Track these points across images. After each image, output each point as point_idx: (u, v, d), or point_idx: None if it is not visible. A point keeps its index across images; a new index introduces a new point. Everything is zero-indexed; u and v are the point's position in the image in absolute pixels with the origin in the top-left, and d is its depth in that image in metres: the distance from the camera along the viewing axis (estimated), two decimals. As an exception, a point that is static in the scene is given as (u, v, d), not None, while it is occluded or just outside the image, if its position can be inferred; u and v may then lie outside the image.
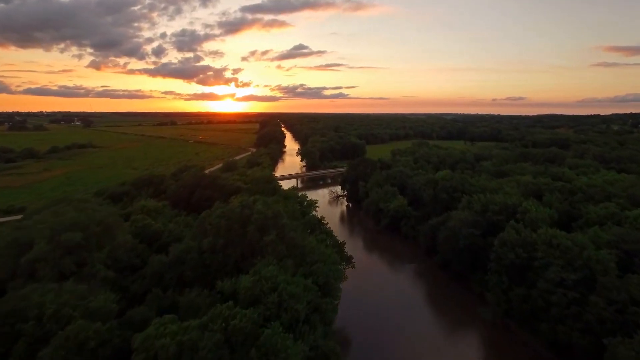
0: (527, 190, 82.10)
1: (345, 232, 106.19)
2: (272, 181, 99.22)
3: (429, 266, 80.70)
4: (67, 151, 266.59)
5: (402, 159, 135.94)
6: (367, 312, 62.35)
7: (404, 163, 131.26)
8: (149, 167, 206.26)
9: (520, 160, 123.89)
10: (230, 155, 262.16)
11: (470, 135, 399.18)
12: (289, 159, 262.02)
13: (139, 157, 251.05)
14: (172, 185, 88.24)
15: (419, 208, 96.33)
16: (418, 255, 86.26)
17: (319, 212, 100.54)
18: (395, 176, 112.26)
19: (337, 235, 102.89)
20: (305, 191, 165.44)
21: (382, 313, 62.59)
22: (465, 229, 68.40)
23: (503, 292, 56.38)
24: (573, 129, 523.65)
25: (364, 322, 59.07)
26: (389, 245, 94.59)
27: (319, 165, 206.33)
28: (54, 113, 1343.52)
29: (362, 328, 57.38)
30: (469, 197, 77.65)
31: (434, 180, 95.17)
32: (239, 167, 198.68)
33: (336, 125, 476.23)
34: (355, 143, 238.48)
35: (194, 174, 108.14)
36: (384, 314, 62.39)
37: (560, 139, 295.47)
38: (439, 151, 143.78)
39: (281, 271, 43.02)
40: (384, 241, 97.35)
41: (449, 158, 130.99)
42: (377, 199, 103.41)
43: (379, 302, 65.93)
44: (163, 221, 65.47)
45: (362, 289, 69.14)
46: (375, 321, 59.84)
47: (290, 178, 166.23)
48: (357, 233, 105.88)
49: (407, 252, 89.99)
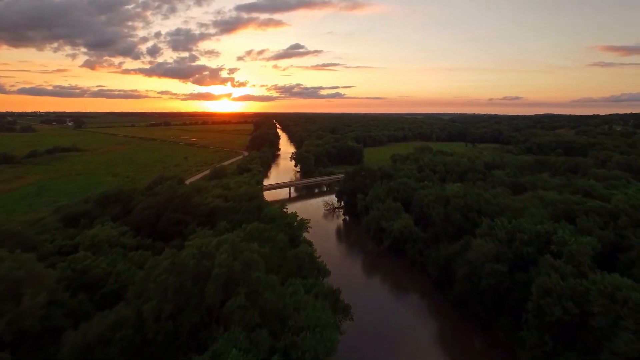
0: (557, 211, 69.47)
1: (341, 254, 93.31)
2: (258, 197, 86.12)
3: (441, 303, 67.80)
4: (48, 155, 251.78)
5: (405, 167, 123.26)
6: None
7: (407, 172, 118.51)
8: (131, 174, 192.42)
9: (537, 170, 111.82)
10: (221, 159, 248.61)
11: (471, 137, 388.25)
12: (284, 162, 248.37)
13: (123, 162, 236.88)
14: (138, 206, 74.82)
15: (427, 228, 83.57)
16: (427, 288, 73.41)
17: (313, 228, 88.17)
18: (399, 189, 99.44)
19: (331, 256, 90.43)
20: (298, 201, 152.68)
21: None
22: (488, 264, 55.64)
23: (546, 357, 43.59)
24: (575, 130, 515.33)
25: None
26: (392, 273, 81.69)
27: (314, 171, 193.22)
28: (47, 113, 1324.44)
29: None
30: (489, 221, 64.88)
31: (445, 196, 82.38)
32: (228, 173, 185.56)
33: (332, 127, 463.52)
34: (352, 147, 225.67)
35: (167, 189, 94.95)
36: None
37: (566, 141, 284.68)
38: (445, 158, 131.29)
39: (250, 356, 29.96)
40: (385, 266, 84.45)
41: (457, 167, 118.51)
42: (378, 217, 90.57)
43: (379, 349, 53.06)
44: (113, 258, 52.17)
45: (359, 328, 56.07)
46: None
47: (282, 187, 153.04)
48: (355, 255, 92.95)
49: (414, 282, 77.16)
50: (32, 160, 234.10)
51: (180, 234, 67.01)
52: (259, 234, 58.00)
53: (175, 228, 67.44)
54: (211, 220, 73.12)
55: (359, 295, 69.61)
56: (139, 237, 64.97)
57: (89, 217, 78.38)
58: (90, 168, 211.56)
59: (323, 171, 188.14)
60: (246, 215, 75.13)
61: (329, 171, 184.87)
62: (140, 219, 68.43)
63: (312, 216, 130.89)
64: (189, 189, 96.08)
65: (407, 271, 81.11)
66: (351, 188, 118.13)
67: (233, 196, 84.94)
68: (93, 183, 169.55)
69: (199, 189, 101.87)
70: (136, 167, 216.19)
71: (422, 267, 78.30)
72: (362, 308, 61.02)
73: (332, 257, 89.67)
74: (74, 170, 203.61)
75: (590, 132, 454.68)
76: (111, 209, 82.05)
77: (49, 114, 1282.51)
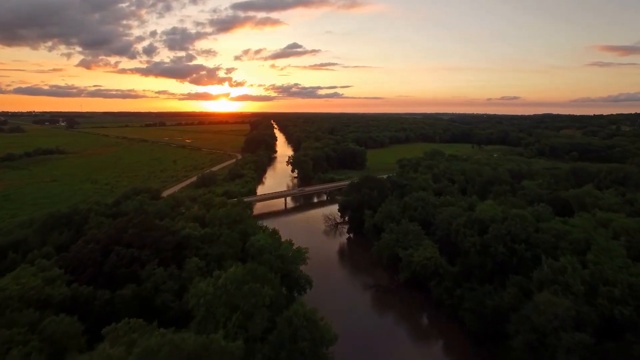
0: (635, 243, 52.56)
1: (346, 287, 76.24)
2: (243, 220, 68.90)
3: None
4: (26, 158, 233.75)
5: (419, 176, 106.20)
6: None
7: (422, 183, 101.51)
8: (112, 181, 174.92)
9: (575, 181, 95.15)
10: (212, 163, 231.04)
11: (476, 138, 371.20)
12: (280, 166, 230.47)
13: (108, 166, 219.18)
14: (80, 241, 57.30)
15: (455, 258, 66.75)
16: (460, 342, 56.44)
17: (311, 248, 71.43)
18: (416, 205, 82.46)
19: (334, 290, 73.50)
20: (294, 214, 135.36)
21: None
22: (566, 334, 38.70)
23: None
24: (581, 131, 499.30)
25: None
26: (413, 317, 64.68)
27: (313, 177, 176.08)
28: (42, 113, 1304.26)
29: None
30: (551, 262, 47.93)
31: (478, 219, 65.50)
32: (218, 180, 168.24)
33: (331, 127, 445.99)
34: (354, 150, 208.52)
35: (135, 205, 77.79)
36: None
37: (580, 143, 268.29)
38: (464, 165, 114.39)
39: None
40: (403, 307, 67.44)
41: (479, 176, 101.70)
42: (392, 242, 73.57)
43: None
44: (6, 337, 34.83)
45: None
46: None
47: (277, 197, 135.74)
48: (363, 288, 75.84)
49: (442, 332, 60.19)
50: (8, 164, 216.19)
51: (134, 276, 49.86)
52: (238, 285, 40.89)
53: (128, 269, 50.25)
54: (179, 255, 55.98)
55: (367, 349, 53.11)
56: (76, 284, 47.74)
57: (23, 248, 61.20)
58: (69, 173, 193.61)
59: (323, 177, 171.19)
60: (226, 247, 58.04)
61: (329, 177, 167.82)
62: (81, 256, 51.11)
63: (310, 233, 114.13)
64: (160, 206, 78.93)
65: (433, 316, 64.09)
66: (356, 202, 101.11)
67: (212, 219, 67.67)
68: (67, 191, 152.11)
69: (174, 205, 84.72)
70: (120, 172, 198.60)
71: (451, 310, 61.31)
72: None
73: (335, 290, 72.82)
74: (50, 175, 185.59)
75: (599, 133, 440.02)
76: (57, 237, 64.75)
77: (44, 113, 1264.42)
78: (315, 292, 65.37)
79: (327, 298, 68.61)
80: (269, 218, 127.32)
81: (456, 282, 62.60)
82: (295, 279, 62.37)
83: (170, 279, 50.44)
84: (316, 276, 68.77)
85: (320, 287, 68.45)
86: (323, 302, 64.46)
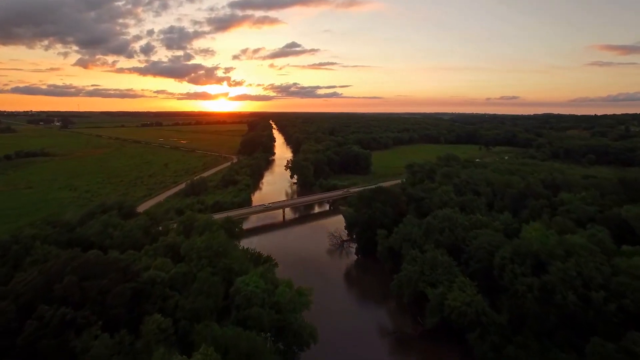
0: None
1: (357, 330, 61.28)
2: (227, 252, 53.87)
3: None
4: (5, 162, 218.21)
5: (440, 187, 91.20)
6: None
7: (443, 196, 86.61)
8: (93, 187, 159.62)
9: (625, 194, 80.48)
10: (205, 167, 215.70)
11: (482, 140, 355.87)
12: (279, 170, 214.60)
13: (92, 170, 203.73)
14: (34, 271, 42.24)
15: (495, 297, 52.18)
16: None
17: (313, 274, 56.87)
18: (442, 227, 67.62)
19: (342, 336, 58.78)
20: (294, 226, 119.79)
21: None
22: None
23: None
24: (589, 132, 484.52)
25: None
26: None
27: (314, 183, 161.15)
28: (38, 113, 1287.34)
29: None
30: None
31: (531, 253, 50.74)
32: (209, 187, 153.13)
33: (331, 128, 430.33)
34: (358, 153, 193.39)
35: (98, 227, 63.03)
36: None
37: (597, 145, 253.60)
38: (488, 174, 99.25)
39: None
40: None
41: (509, 188, 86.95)
42: (415, 276, 58.79)
43: None
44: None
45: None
46: None
47: (273, 209, 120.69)
48: (379, 334, 60.90)
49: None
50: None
51: (62, 351, 34.82)
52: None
53: (57, 339, 35.23)
54: (137, 311, 40.95)
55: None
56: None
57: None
58: (49, 179, 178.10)
59: (325, 184, 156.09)
60: (203, 297, 43.05)
61: (332, 184, 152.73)
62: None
63: (312, 253, 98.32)
64: (129, 229, 63.85)
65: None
66: (366, 218, 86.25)
67: (188, 251, 52.64)
68: (40, 200, 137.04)
69: (148, 225, 69.68)
70: (105, 177, 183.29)
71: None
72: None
73: (344, 336, 58.01)
74: (25, 181, 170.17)
75: (609, 134, 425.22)
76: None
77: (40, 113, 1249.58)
78: (319, 337, 50.56)
79: (334, 349, 53.98)
80: (265, 232, 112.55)
81: (504, 336, 47.85)
82: (295, 331, 47.55)
83: (118, 351, 35.48)
84: (319, 313, 54.52)
85: (325, 331, 53.65)
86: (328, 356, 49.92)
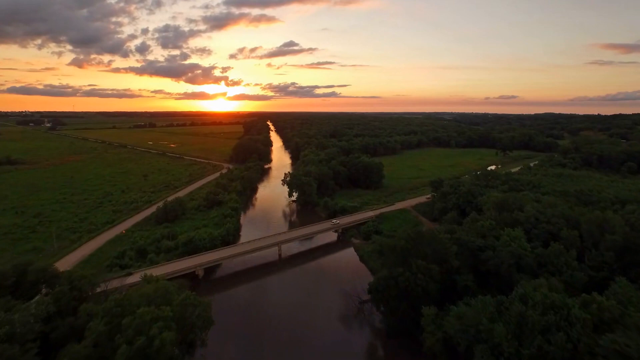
0: None
1: None
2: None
3: None
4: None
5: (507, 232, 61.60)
6: None
7: (514, 248, 57.79)
8: (45, 210, 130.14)
9: None
10: (191, 178, 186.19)
11: (498, 143, 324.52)
12: (275, 182, 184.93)
13: (57, 184, 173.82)
14: None
15: None
16: None
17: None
18: (547, 324, 38.77)
19: None
20: (292, 268, 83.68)
21: None
22: None
23: None
24: (604, 132, 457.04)
25: None
26: None
27: (318, 203, 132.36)
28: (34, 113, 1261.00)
29: None
30: None
31: None
32: (187, 210, 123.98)
33: (332, 130, 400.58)
34: (368, 164, 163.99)
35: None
36: None
37: (636, 151, 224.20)
38: (564, 208, 69.87)
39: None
40: None
41: (608, 234, 58.01)
42: None
43: None
44: None
45: None
46: None
47: (265, 247, 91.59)
48: None
49: None
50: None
51: None
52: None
53: None
54: None
55: None
56: None
57: None
58: (1, 195, 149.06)
59: (331, 204, 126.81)
60: None
61: (340, 207, 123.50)
62: None
63: (317, 321, 64.78)
64: None
65: None
66: (396, 278, 56.94)
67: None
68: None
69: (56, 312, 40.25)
70: (68, 194, 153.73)
71: None
72: None
73: None
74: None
75: (630, 136, 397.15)
76: None
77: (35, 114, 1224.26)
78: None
79: None
80: (253, 280, 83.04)
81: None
82: None
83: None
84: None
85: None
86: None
